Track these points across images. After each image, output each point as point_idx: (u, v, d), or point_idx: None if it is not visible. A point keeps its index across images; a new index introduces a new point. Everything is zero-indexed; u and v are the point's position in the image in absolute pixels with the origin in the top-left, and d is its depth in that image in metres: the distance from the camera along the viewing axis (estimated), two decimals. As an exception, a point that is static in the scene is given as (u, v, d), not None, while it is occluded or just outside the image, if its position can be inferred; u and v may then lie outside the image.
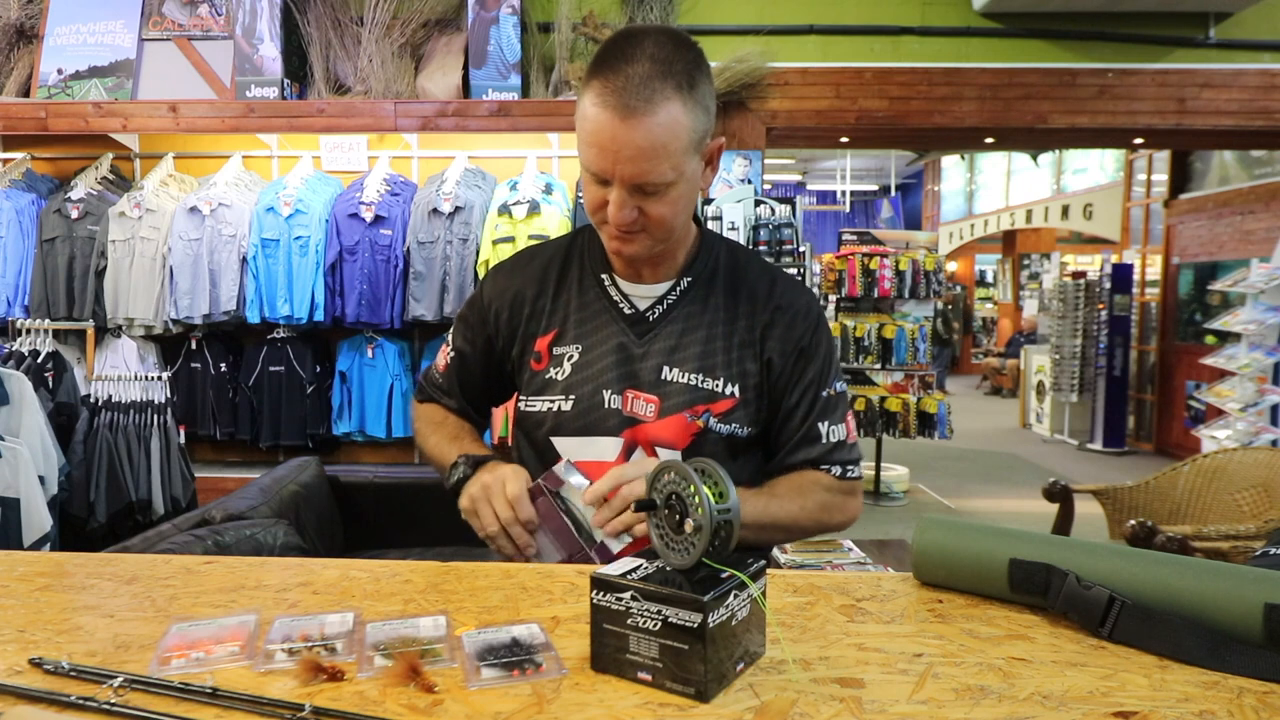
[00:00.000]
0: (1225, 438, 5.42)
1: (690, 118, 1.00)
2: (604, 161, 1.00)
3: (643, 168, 0.99)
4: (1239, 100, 4.13)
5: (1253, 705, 0.64)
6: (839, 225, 14.38)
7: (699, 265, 1.18)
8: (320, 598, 0.85)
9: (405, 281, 3.59)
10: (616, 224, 1.03)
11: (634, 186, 1.01)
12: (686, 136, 1.00)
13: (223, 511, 1.89)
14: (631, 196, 1.02)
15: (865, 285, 5.36)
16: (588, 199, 1.06)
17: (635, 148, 0.97)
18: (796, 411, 1.16)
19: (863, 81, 4.10)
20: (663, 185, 1.01)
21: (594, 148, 1.00)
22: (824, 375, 1.17)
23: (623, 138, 0.97)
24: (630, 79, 0.96)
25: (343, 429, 3.76)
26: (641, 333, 1.15)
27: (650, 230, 1.06)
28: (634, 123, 0.96)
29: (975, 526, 0.87)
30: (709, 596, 0.63)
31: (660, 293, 1.17)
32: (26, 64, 3.93)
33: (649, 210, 1.03)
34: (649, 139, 0.97)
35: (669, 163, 0.99)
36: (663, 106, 0.97)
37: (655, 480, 0.73)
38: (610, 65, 0.98)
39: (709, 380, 1.13)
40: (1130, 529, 2.13)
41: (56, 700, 0.62)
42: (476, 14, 3.75)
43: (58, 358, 3.51)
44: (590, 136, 1.00)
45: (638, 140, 0.97)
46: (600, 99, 0.98)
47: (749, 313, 1.16)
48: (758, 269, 1.21)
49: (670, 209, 1.04)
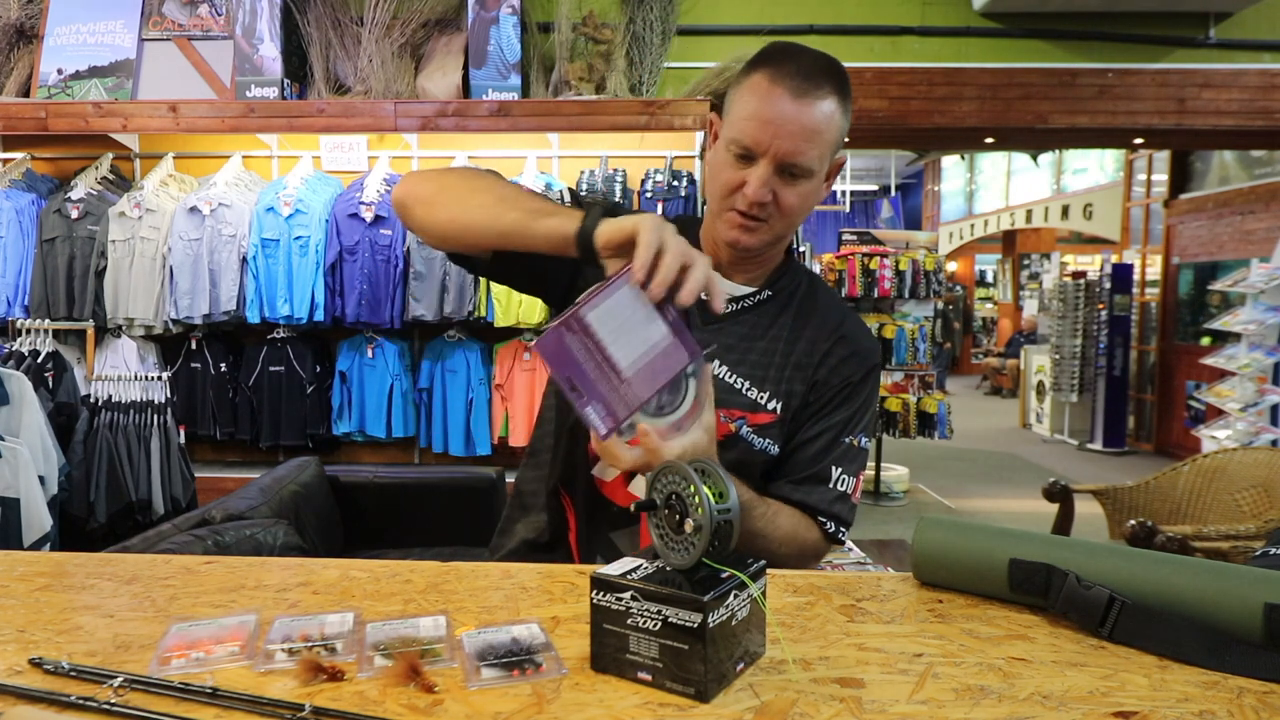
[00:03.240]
0: (1225, 438, 5.42)
1: (842, 120, 1.08)
2: (763, 134, 1.04)
3: (799, 146, 1.04)
4: (1239, 100, 4.13)
5: (1253, 705, 0.64)
6: (839, 225, 14.36)
7: (783, 283, 1.21)
8: (320, 598, 0.85)
9: (405, 282, 3.59)
10: (754, 200, 1.06)
11: (782, 165, 1.05)
12: (836, 135, 1.07)
13: (223, 511, 1.89)
14: (774, 176, 1.06)
15: (865, 285, 5.36)
16: (722, 181, 1.09)
17: (798, 125, 1.03)
18: (814, 444, 1.16)
19: (863, 81, 4.10)
20: (806, 171, 1.06)
21: (755, 121, 1.04)
22: (854, 422, 1.18)
23: (789, 113, 1.03)
24: (804, 67, 1.05)
25: (343, 429, 3.76)
26: (708, 321, 1.16)
27: (774, 221, 1.09)
28: (803, 103, 1.03)
29: (975, 526, 0.87)
30: (709, 596, 0.63)
31: (741, 294, 1.18)
32: (26, 64, 3.93)
33: (783, 196, 1.07)
34: (813, 121, 1.04)
35: (818, 150, 1.05)
36: (828, 98, 1.05)
37: (655, 480, 0.73)
38: (781, 58, 1.06)
39: (754, 390, 1.14)
40: (1130, 529, 2.13)
41: (56, 700, 0.62)
42: (476, 14, 3.75)
43: (58, 358, 3.51)
44: (754, 110, 1.05)
45: (803, 119, 1.04)
46: (773, 78, 1.04)
47: (812, 338, 1.18)
48: (834, 303, 1.24)
49: (800, 202, 1.08)
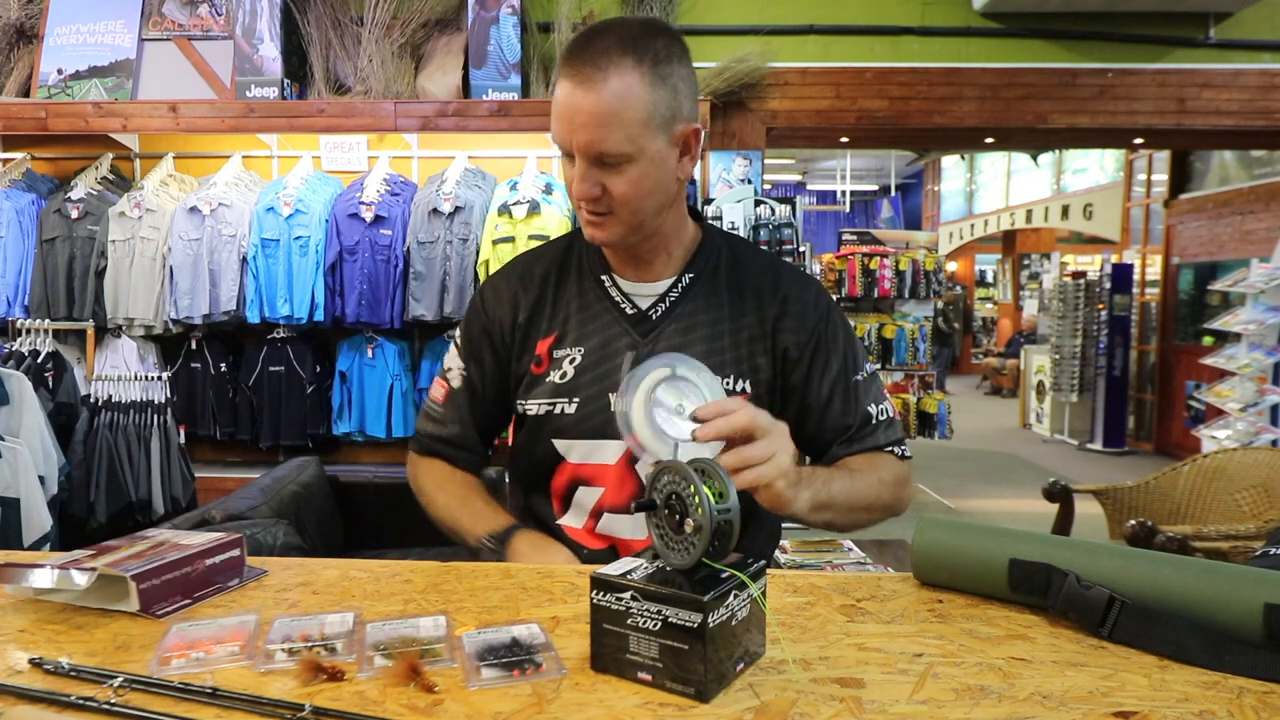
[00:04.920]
0: (1225, 438, 5.42)
1: (650, 93, 1.00)
2: (563, 131, 1.02)
3: (596, 135, 1.00)
4: (1239, 100, 4.13)
5: (1253, 705, 0.64)
6: (839, 225, 14.38)
7: (700, 261, 1.17)
8: (320, 598, 0.85)
9: (405, 281, 3.59)
10: (579, 197, 1.04)
11: (593, 157, 1.02)
12: (644, 110, 1.00)
13: (223, 511, 1.89)
14: (592, 169, 1.03)
15: (865, 285, 5.36)
16: (565, 177, 1.07)
17: (587, 114, 0.99)
18: (834, 404, 1.15)
19: (863, 81, 4.10)
20: (620, 158, 1.01)
21: (556, 119, 1.03)
22: (850, 362, 1.17)
23: (578, 103, 1.00)
24: (590, 52, 1.00)
25: (343, 429, 3.76)
26: (645, 332, 1.14)
27: (617, 212, 1.05)
28: (587, 89, 0.99)
29: (975, 526, 0.87)
30: (709, 596, 0.63)
31: (661, 290, 1.15)
32: (26, 64, 3.93)
33: (611, 187, 1.03)
34: (600, 105, 0.99)
35: (623, 133, 1.00)
36: (616, 75, 0.99)
37: (655, 480, 0.73)
38: (573, 47, 1.02)
39: None
40: (1130, 529, 2.13)
41: (56, 700, 0.62)
42: (476, 14, 3.75)
43: (58, 358, 3.51)
44: (556, 109, 1.03)
45: (589, 107, 0.99)
46: (564, 72, 1.01)
47: (756, 307, 1.15)
48: (761, 263, 1.20)
49: (632, 188, 1.03)
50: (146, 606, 0.80)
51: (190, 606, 0.82)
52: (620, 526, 1.14)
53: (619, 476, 1.12)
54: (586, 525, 1.15)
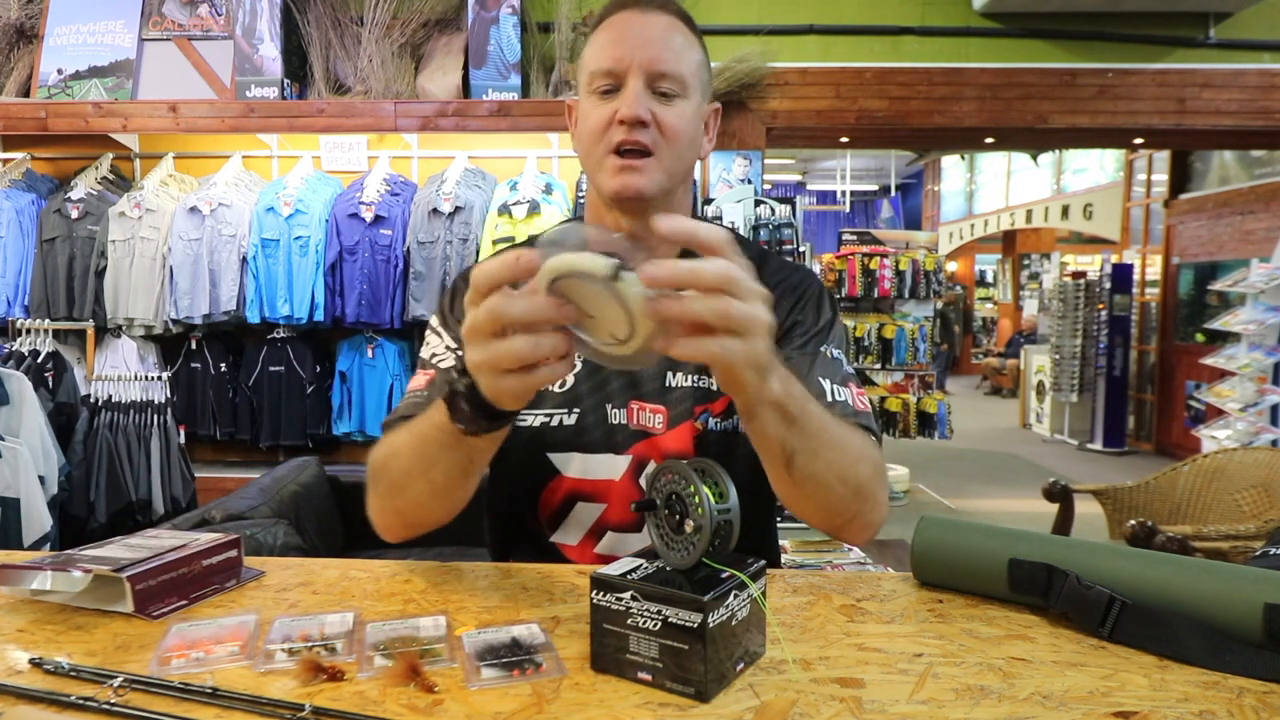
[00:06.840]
0: (1225, 438, 5.42)
1: (697, 46, 1.03)
2: (621, 50, 0.98)
3: (661, 54, 0.98)
4: (1239, 100, 4.13)
5: (1253, 705, 0.63)
6: (839, 225, 14.37)
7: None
8: (320, 598, 0.85)
9: (405, 281, 3.59)
10: (631, 117, 0.96)
11: (653, 76, 0.98)
12: (695, 55, 1.02)
13: (223, 511, 1.90)
14: (646, 93, 0.98)
15: (865, 285, 5.36)
16: (592, 124, 1.00)
17: (653, 32, 0.99)
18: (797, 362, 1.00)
19: (863, 81, 4.11)
20: (677, 85, 0.99)
21: (610, 44, 1.00)
22: (825, 333, 1.05)
23: (639, 26, 0.99)
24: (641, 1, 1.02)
25: (343, 429, 3.76)
26: None
27: (660, 151, 0.98)
28: (652, 15, 1.00)
29: (975, 526, 0.87)
30: (709, 596, 0.63)
31: None
32: (26, 64, 3.93)
33: (662, 116, 0.98)
34: (665, 28, 1.00)
35: (682, 62, 1.00)
36: (673, 18, 1.02)
37: (655, 480, 0.73)
38: None
39: (704, 378, 1.04)
40: (1130, 529, 2.13)
41: (56, 700, 0.62)
42: (476, 14, 3.75)
43: (58, 358, 3.51)
44: (606, 39, 1.00)
45: (654, 26, 1.00)
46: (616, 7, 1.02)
47: None
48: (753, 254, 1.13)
49: (681, 124, 1.00)
50: (142, 607, 0.79)
51: (187, 607, 0.82)
52: (627, 545, 1.03)
53: (623, 493, 1.04)
54: (584, 544, 1.06)
